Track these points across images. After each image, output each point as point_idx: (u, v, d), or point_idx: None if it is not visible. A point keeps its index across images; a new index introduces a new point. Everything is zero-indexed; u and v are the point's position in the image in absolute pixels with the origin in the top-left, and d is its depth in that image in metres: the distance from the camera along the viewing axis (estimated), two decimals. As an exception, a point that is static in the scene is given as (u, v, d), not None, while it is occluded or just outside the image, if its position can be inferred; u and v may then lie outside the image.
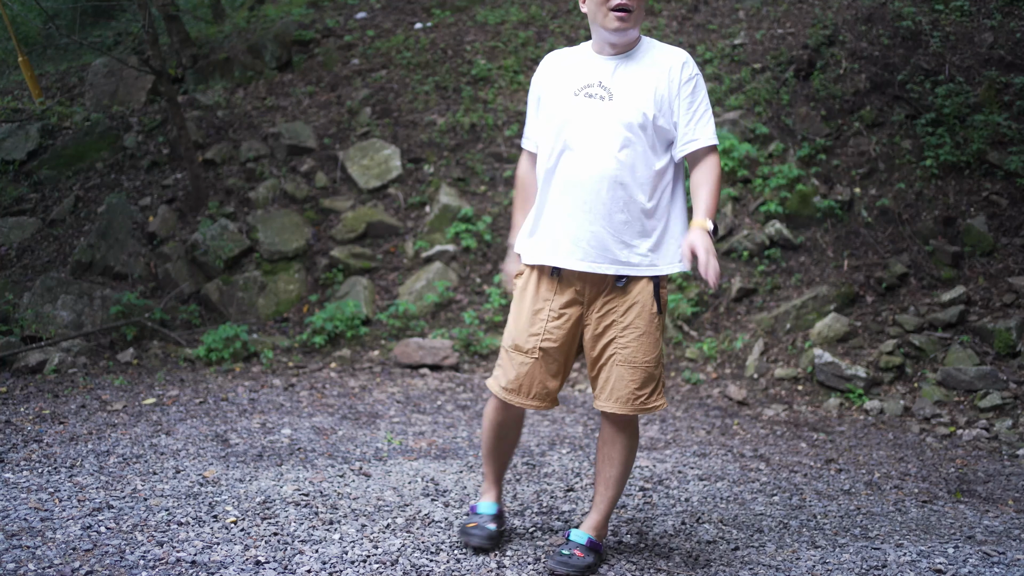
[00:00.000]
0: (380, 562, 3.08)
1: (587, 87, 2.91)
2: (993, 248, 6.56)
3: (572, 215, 2.88)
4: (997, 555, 3.37)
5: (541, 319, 2.97)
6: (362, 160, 7.79)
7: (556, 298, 2.97)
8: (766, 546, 3.45)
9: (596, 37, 2.98)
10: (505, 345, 3.04)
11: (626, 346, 2.94)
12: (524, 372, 2.98)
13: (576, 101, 2.90)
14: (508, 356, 3.03)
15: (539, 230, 2.97)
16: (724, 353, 6.43)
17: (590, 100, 2.89)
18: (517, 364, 2.99)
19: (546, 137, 2.96)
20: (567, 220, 2.89)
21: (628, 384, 2.94)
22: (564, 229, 2.90)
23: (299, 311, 7.04)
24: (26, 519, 3.31)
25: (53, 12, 9.43)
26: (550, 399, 3.04)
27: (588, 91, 2.90)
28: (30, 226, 7.45)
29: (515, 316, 3.03)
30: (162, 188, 7.75)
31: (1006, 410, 5.56)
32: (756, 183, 7.23)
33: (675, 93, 2.88)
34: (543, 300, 2.98)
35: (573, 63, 3.00)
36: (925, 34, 7.75)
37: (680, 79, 2.89)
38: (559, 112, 2.92)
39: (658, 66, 2.90)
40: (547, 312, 2.96)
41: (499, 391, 3.04)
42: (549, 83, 3.01)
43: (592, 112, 2.88)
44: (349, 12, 9.57)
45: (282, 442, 4.65)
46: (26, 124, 8.25)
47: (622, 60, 2.93)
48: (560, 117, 2.91)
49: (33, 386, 5.66)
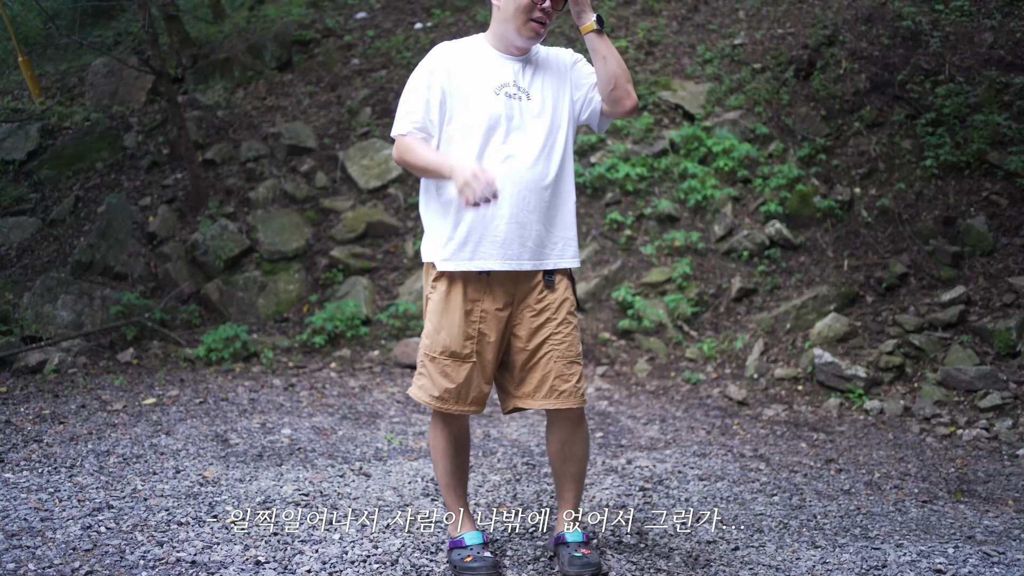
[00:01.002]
0: (380, 562, 3.08)
1: (503, 86, 2.89)
2: (993, 248, 6.56)
3: (515, 217, 2.86)
4: (997, 555, 3.36)
5: (474, 321, 2.91)
6: (362, 160, 7.79)
7: (487, 299, 2.93)
8: (766, 546, 3.45)
9: (502, 37, 2.94)
10: (432, 353, 2.94)
11: (562, 341, 2.94)
12: (463, 378, 2.92)
13: (499, 100, 2.88)
14: (438, 364, 2.94)
15: (468, 234, 2.88)
16: (724, 353, 6.43)
17: (511, 100, 2.89)
18: (453, 371, 2.92)
19: (463, 134, 2.88)
20: (509, 223, 2.86)
21: (570, 378, 2.94)
22: (506, 231, 2.86)
23: (299, 311, 7.04)
24: (26, 519, 3.31)
25: (53, 12, 9.43)
26: (483, 403, 3.01)
27: (507, 91, 2.89)
28: (30, 226, 7.45)
29: (443, 322, 2.92)
30: (162, 188, 7.75)
31: (1006, 410, 5.56)
32: (756, 183, 7.23)
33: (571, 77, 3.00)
34: (471, 302, 2.92)
35: (477, 59, 2.94)
36: (925, 34, 7.75)
37: (570, 64, 3.01)
38: (482, 110, 2.86)
39: (554, 65, 3.00)
40: (478, 314, 2.92)
41: (435, 402, 2.95)
42: (458, 77, 2.91)
43: (518, 113, 2.88)
44: (349, 12, 9.57)
45: (282, 442, 4.65)
46: (26, 124, 8.25)
47: (524, 61, 2.96)
48: (484, 115, 2.86)
49: (33, 386, 5.66)
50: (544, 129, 2.91)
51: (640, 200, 7.28)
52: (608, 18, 8.71)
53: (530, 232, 2.89)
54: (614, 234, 7.14)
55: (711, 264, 6.97)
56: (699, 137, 7.46)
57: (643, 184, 7.30)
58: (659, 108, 7.84)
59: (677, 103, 7.81)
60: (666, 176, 7.40)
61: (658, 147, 7.52)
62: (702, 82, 7.99)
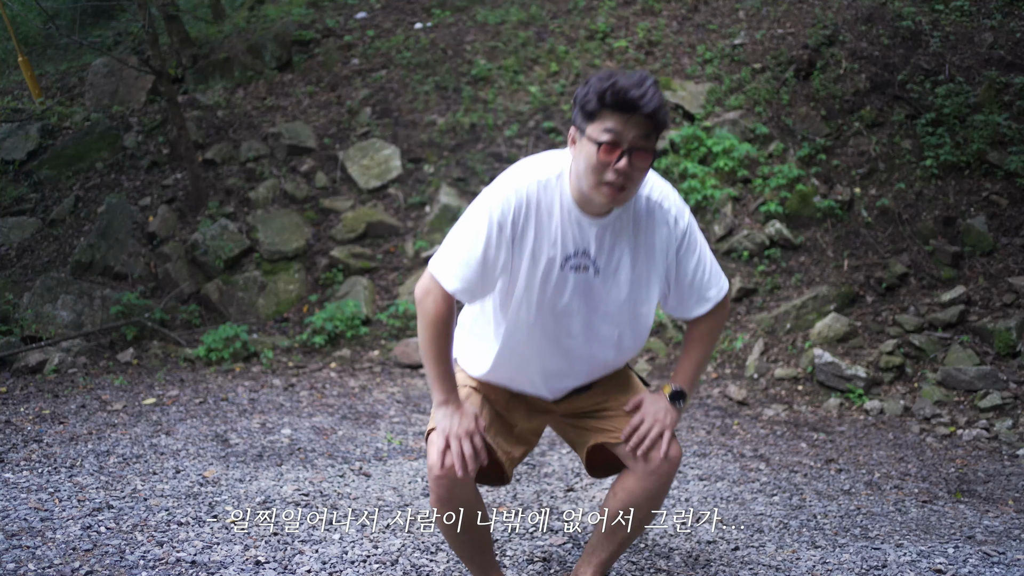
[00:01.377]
0: (380, 562, 3.08)
1: (573, 256, 2.40)
2: (993, 248, 6.56)
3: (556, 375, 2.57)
4: (997, 555, 3.36)
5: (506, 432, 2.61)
6: (362, 160, 7.79)
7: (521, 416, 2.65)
8: (766, 546, 3.45)
9: (580, 190, 2.35)
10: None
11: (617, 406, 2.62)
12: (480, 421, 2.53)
13: (563, 276, 2.40)
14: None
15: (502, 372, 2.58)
16: (724, 353, 6.43)
17: (577, 274, 2.41)
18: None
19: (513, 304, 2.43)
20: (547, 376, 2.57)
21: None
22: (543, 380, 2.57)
23: (299, 311, 7.04)
24: (26, 519, 3.31)
25: (53, 12, 9.43)
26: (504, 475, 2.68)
27: (575, 262, 2.40)
28: (30, 226, 7.45)
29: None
30: (162, 188, 7.75)
31: (1006, 410, 5.56)
32: (756, 183, 7.23)
33: (672, 258, 2.48)
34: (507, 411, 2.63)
35: (553, 214, 2.39)
36: (925, 34, 7.75)
37: (676, 237, 2.46)
38: (544, 286, 2.40)
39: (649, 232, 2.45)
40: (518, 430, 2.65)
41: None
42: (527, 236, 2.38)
43: (583, 291, 2.43)
44: (349, 12, 9.57)
45: (282, 442, 4.65)
46: (26, 124, 8.25)
47: (608, 224, 2.40)
48: (541, 290, 2.40)
49: (33, 386, 5.66)
50: (616, 318, 2.48)
51: (640, 200, 7.28)
52: (608, 18, 8.71)
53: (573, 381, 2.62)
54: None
55: (711, 264, 6.97)
56: (699, 137, 7.46)
57: (643, 184, 7.30)
58: (659, 108, 7.83)
59: (677, 103, 7.81)
60: (666, 176, 7.40)
61: (658, 147, 7.52)
62: (702, 82, 7.99)
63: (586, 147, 2.25)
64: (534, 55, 8.47)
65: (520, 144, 7.80)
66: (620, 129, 2.20)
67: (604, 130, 2.21)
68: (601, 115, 2.22)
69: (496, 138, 7.85)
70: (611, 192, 2.25)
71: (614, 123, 2.20)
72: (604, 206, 2.33)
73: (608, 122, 2.21)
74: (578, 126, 2.29)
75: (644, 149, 2.23)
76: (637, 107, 2.19)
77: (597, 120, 2.23)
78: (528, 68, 8.38)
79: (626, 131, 2.20)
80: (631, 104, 2.18)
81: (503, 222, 2.34)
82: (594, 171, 2.24)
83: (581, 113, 2.27)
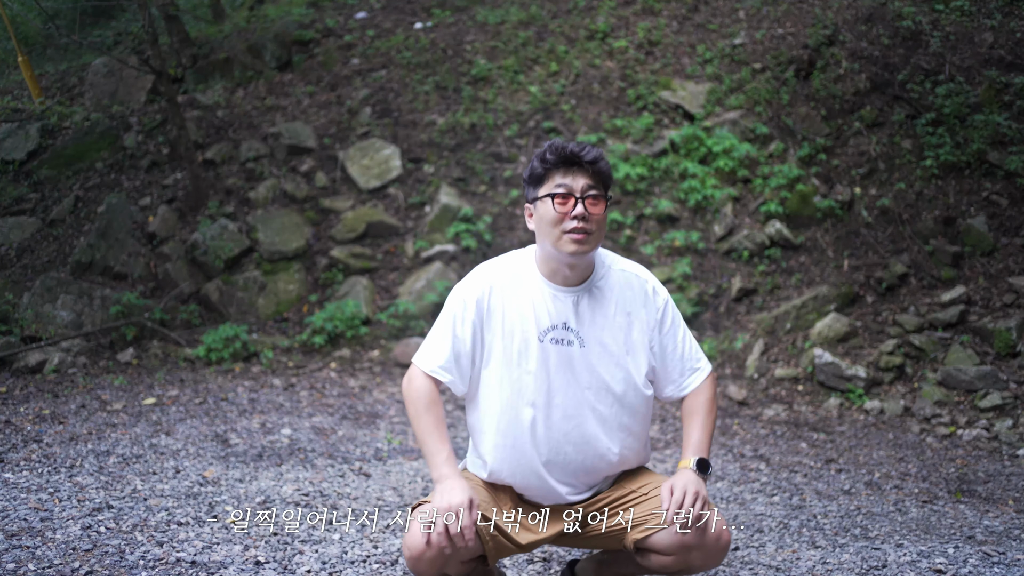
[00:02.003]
0: (380, 562, 3.08)
1: (551, 329, 2.43)
2: (993, 248, 6.56)
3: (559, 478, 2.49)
4: (997, 555, 3.36)
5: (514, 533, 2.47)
6: (362, 160, 7.79)
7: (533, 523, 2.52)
8: (766, 546, 3.45)
9: (547, 260, 2.45)
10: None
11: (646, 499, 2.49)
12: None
13: (543, 350, 2.42)
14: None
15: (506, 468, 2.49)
16: (724, 353, 6.43)
17: (559, 347, 2.42)
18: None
19: (495, 385, 2.45)
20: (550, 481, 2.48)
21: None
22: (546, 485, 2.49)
23: (299, 311, 7.03)
24: (26, 519, 3.31)
25: (53, 12, 9.43)
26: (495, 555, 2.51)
27: (554, 335, 2.43)
28: (30, 226, 7.45)
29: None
30: (162, 188, 7.75)
31: (1006, 410, 5.56)
32: (756, 183, 7.23)
33: (654, 330, 2.50)
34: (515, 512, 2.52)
35: (522, 293, 2.46)
36: (925, 34, 7.75)
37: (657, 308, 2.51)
38: (523, 362, 2.43)
39: (629, 300, 2.49)
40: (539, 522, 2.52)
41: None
42: (496, 317, 2.45)
43: (566, 365, 2.43)
44: (349, 12, 9.57)
45: (282, 442, 4.65)
46: (26, 124, 8.25)
47: (583, 292, 2.46)
48: (524, 368, 2.42)
49: (33, 386, 5.66)
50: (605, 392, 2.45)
51: (640, 200, 7.28)
52: (608, 18, 8.71)
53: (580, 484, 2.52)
54: (614, 234, 7.14)
55: (711, 264, 6.97)
56: (699, 137, 7.46)
57: (643, 184, 7.30)
58: (659, 108, 7.84)
59: (677, 103, 7.81)
60: (666, 176, 7.40)
61: (658, 147, 7.52)
62: (702, 82, 7.99)
63: (541, 208, 2.42)
64: (534, 55, 8.47)
65: (520, 144, 7.80)
66: (568, 182, 2.39)
67: (555, 185, 2.40)
68: (548, 175, 2.42)
69: (496, 138, 7.85)
70: (575, 239, 2.36)
71: (561, 177, 2.40)
72: (574, 260, 2.40)
73: (556, 179, 2.41)
74: (530, 198, 2.47)
75: (595, 196, 2.40)
76: (578, 158, 2.39)
77: (546, 182, 2.42)
78: (528, 68, 8.38)
79: (574, 182, 2.39)
80: (572, 157, 2.39)
81: (469, 300, 2.47)
82: (554, 224, 2.38)
83: (531, 183, 2.46)
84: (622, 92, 7.99)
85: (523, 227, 7.30)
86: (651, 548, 2.40)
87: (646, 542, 2.40)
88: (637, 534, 2.41)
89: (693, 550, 2.34)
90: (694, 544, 2.33)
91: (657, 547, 2.38)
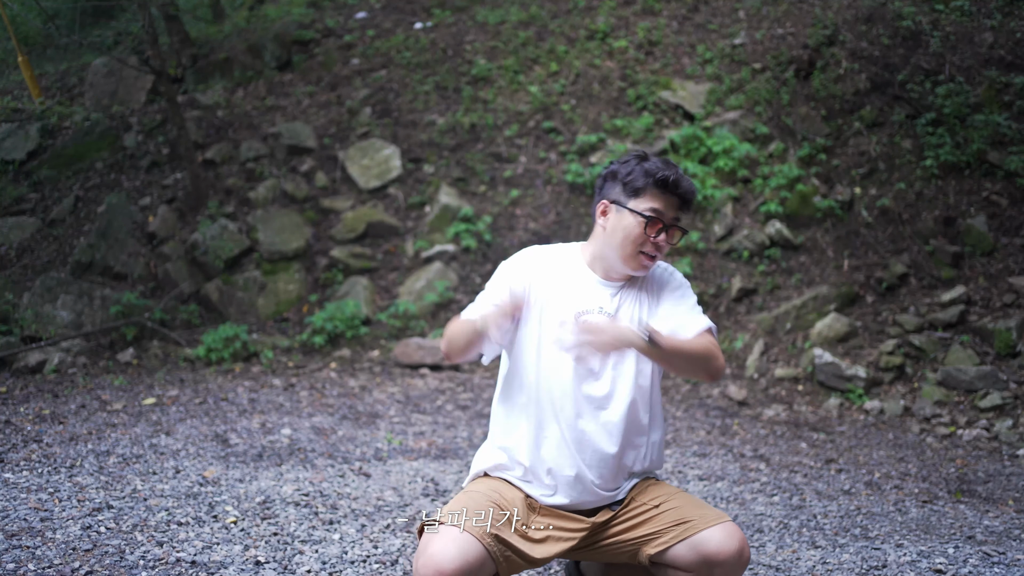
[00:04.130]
0: (380, 562, 3.08)
1: (584, 313, 2.49)
2: (993, 248, 6.56)
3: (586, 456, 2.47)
4: (997, 555, 3.36)
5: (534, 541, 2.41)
6: (362, 160, 7.79)
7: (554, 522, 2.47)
8: (766, 546, 3.45)
9: (603, 259, 2.55)
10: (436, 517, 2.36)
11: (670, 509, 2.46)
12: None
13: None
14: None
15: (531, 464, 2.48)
16: (724, 353, 6.43)
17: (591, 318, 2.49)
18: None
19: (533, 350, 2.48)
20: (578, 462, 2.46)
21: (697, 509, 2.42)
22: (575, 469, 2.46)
23: (299, 311, 7.04)
24: (26, 519, 3.31)
25: (53, 12, 9.42)
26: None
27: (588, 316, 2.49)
28: (30, 226, 7.45)
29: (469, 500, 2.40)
30: (162, 188, 7.75)
31: (1006, 410, 5.56)
32: (756, 183, 7.23)
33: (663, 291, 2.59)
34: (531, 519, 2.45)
35: (567, 277, 2.55)
36: (925, 34, 7.75)
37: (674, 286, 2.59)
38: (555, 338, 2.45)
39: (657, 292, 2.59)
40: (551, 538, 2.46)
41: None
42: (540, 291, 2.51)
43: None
44: (349, 12, 9.57)
45: (282, 442, 4.65)
46: (26, 124, 8.25)
47: (623, 287, 2.57)
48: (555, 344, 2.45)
49: (33, 386, 5.66)
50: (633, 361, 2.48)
51: (640, 200, 7.28)
52: (608, 18, 8.71)
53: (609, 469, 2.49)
54: (614, 234, 7.15)
55: (711, 264, 6.97)
56: (699, 137, 7.46)
57: (643, 184, 7.30)
58: (659, 108, 7.84)
59: (677, 103, 7.81)
60: (666, 176, 7.40)
61: (658, 147, 7.52)
62: (702, 82, 7.99)
63: (627, 219, 2.49)
64: (534, 55, 8.47)
65: (520, 144, 7.81)
66: (662, 208, 2.48)
67: (649, 208, 2.47)
68: (646, 193, 2.48)
69: (496, 138, 7.85)
70: (645, 262, 2.49)
71: (658, 202, 2.48)
72: (631, 273, 2.53)
73: (652, 201, 2.47)
74: (616, 199, 2.52)
75: (678, 228, 2.52)
76: (679, 190, 2.48)
77: (641, 197, 2.49)
78: (528, 68, 8.38)
79: (667, 210, 2.48)
80: (674, 187, 2.48)
81: (515, 270, 2.54)
82: (633, 242, 2.47)
83: (623, 188, 2.51)
84: (622, 92, 7.99)
85: (523, 227, 7.30)
86: (668, 563, 2.37)
87: (663, 556, 2.37)
88: (652, 548, 2.39)
89: (715, 567, 2.31)
90: (717, 561, 2.30)
91: (676, 562, 2.35)
